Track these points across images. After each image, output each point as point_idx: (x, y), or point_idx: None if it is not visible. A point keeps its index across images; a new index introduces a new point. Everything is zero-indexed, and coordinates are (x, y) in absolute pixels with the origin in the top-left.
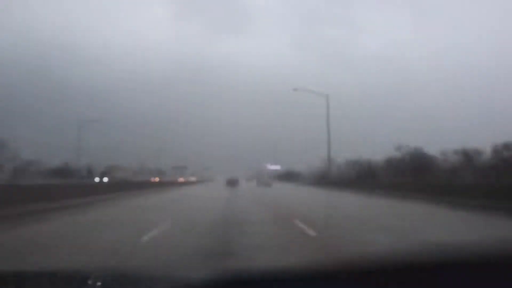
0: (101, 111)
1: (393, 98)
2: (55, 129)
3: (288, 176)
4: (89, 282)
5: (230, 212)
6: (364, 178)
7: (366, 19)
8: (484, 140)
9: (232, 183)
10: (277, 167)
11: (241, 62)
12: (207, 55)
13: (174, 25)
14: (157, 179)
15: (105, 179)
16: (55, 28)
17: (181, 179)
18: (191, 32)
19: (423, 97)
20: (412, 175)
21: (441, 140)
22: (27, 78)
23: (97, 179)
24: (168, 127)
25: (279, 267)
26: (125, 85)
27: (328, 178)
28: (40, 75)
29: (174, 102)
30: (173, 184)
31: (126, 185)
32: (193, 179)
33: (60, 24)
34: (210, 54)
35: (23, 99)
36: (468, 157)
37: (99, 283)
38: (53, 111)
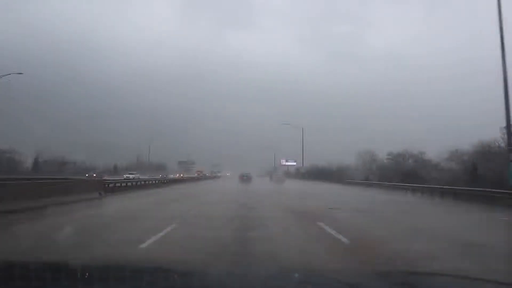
0: (107, 105)
1: (403, 96)
2: (57, 121)
3: (320, 173)
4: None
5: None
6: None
7: (375, 15)
8: None
9: (244, 179)
10: (293, 163)
11: (248, 59)
12: (214, 51)
13: (180, 20)
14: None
15: None
16: (59, 20)
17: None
18: (198, 28)
19: (434, 95)
20: None
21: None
22: (34, 70)
23: None
24: (174, 123)
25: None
26: (132, 80)
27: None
28: (46, 68)
29: (181, 98)
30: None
31: None
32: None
33: (64, 16)
34: (217, 50)
35: (28, 90)
36: None
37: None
38: (57, 104)
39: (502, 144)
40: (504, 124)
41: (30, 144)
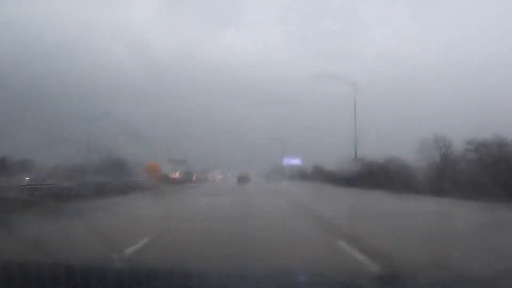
0: (94, 107)
1: (397, 94)
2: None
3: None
4: (107, 276)
5: None
6: None
7: (367, 11)
8: None
9: (243, 180)
10: (297, 162)
11: (236, 57)
12: (201, 50)
13: (166, 18)
14: None
15: None
16: (38, 21)
17: None
18: (188, 26)
19: (428, 93)
20: None
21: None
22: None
23: None
24: (164, 125)
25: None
26: (125, 80)
27: None
28: (26, 70)
29: (170, 98)
30: None
31: None
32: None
33: (43, 15)
34: (203, 48)
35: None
36: None
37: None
38: (45, 107)
39: None
40: None
41: None
